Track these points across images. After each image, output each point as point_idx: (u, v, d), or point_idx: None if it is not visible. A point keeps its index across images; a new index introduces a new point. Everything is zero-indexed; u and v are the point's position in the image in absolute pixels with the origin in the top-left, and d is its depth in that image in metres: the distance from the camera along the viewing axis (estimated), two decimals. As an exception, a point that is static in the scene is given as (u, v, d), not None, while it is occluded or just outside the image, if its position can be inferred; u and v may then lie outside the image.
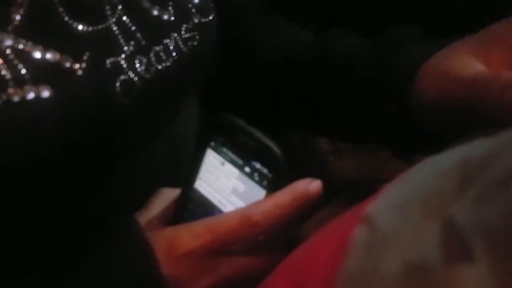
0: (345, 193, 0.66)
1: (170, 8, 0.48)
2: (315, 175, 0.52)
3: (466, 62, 0.46)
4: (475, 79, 0.44)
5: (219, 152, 0.49)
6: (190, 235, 0.45)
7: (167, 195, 0.51)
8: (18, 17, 0.40)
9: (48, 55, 0.40)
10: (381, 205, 0.41)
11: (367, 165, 0.72)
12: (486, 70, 0.45)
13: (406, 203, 0.38)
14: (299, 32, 0.60)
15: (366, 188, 0.52)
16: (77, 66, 0.41)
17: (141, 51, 0.45)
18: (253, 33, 0.61)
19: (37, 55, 0.40)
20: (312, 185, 0.46)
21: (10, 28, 0.39)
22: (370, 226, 0.39)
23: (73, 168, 0.44)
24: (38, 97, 0.39)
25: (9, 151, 0.40)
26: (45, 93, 0.39)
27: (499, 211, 0.32)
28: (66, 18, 0.42)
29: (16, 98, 0.39)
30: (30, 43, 0.40)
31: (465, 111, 0.44)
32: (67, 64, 0.41)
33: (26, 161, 0.41)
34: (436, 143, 0.48)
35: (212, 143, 0.49)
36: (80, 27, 0.42)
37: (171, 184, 0.52)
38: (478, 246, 0.31)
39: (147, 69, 0.45)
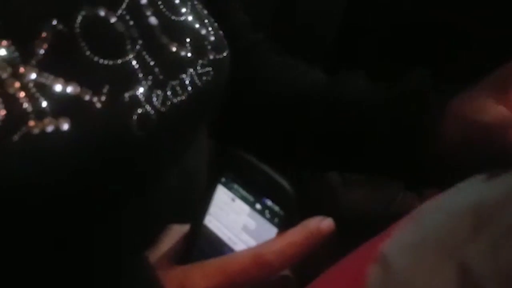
0: (357, 226, 0.65)
1: (188, 45, 0.48)
2: (325, 207, 0.51)
3: (485, 106, 0.47)
4: (495, 122, 0.45)
5: (230, 188, 0.48)
6: (202, 276, 0.44)
7: (176, 232, 0.50)
8: (42, 51, 0.40)
9: (69, 88, 0.41)
10: (395, 244, 0.40)
11: (377, 197, 0.71)
12: (506, 112, 0.45)
13: (420, 243, 0.38)
14: (310, 71, 0.61)
15: (378, 221, 0.52)
16: (96, 99, 0.41)
17: (159, 85, 0.45)
18: (265, 73, 0.61)
19: (58, 88, 0.40)
20: (324, 223, 0.46)
21: (34, 62, 0.40)
22: (385, 266, 0.38)
23: (85, 199, 0.44)
24: (57, 130, 0.40)
25: (24, 182, 0.39)
26: (65, 126, 0.40)
27: None
28: (88, 52, 0.42)
29: (36, 131, 0.39)
30: (52, 77, 0.40)
31: (486, 153, 0.45)
32: (87, 97, 0.41)
33: (38, 190, 0.41)
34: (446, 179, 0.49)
35: (223, 179, 0.49)
36: (100, 61, 0.42)
37: (181, 220, 0.51)
38: None
39: (163, 103, 0.45)
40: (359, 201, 0.70)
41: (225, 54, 0.51)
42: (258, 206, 0.47)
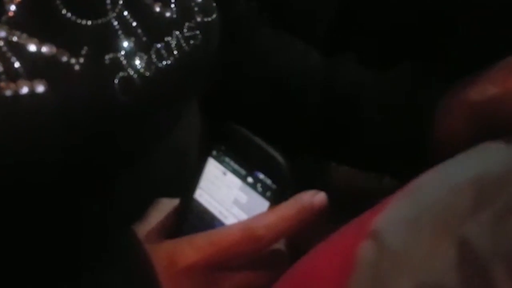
0: (349, 200, 0.65)
1: (173, 5, 0.47)
2: (318, 181, 0.51)
3: (482, 88, 0.47)
4: (491, 99, 0.46)
5: (221, 162, 0.48)
6: (191, 249, 0.44)
7: (166, 206, 0.49)
8: (13, 8, 0.38)
9: (44, 49, 0.39)
10: (389, 219, 0.39)
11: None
12: (502, 90, 0.46)
13: (416, 219, 0.37)
14: (306, 51, 0.61)
15: (371, 195, 0.51)
16: (74, 61, 0.40)
17: (142, 47, 0.44)
18: (259, 51, 0.60)
19: (32, 48, 0.39)
20: (317, 198, 0.45)
21: (3, 19, 0.38)
22: (378, 243, 0.37)
23: (70, 169, 0.42)
24: (32, 92, 0.38)
25: (1, 149, 0.38)
26: (40, 88, 0.38)
27: None
28: (64, 11, 0.40)
29: (8, 92, 0.37)
30: (25, 35, 0.38)
31: (484, 131, 0.45)
32: (64, 59, 0.39)
33: (20, 159, 0.39)
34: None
35: (214, 152, 0.48)
36: (78, 20, 0.41)
37: (170, 193, 0.50)
38: (498, 272, 0.29)
39: (147, 67, 0.44)
40: (352, 174, 0.70)
41: (214, 16, 0.50)
42: (250, 179, 0.46)
